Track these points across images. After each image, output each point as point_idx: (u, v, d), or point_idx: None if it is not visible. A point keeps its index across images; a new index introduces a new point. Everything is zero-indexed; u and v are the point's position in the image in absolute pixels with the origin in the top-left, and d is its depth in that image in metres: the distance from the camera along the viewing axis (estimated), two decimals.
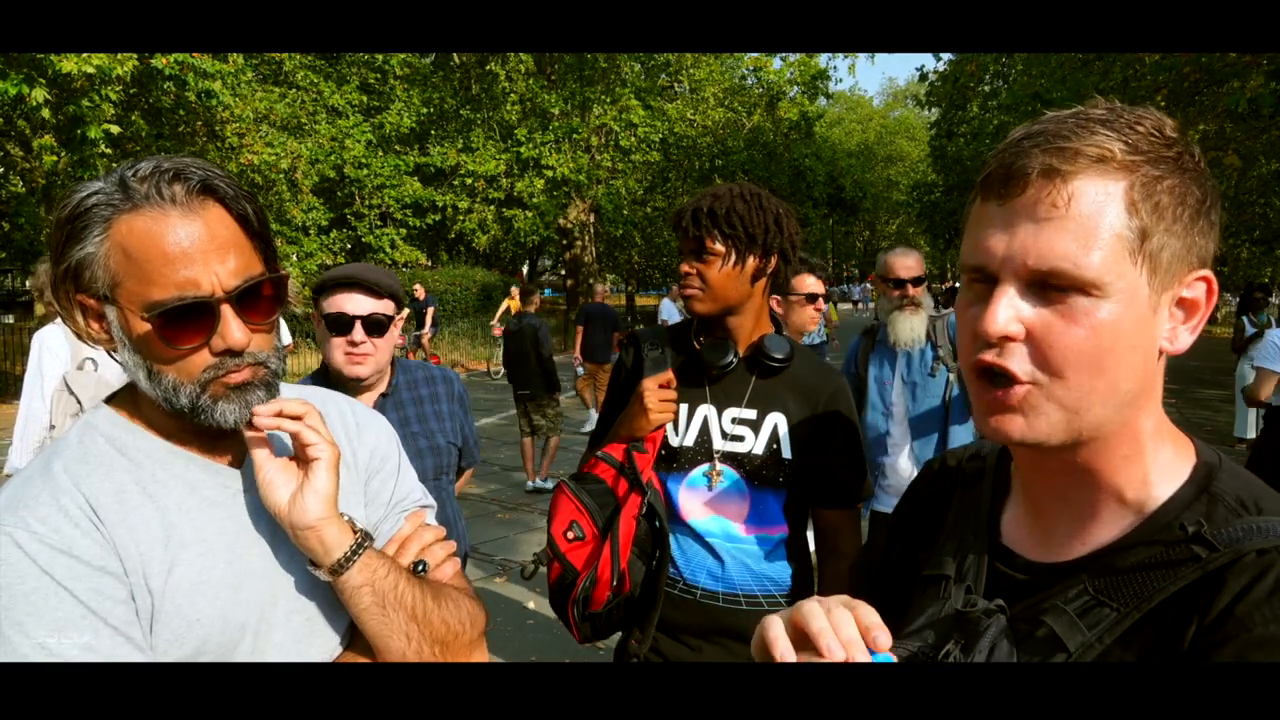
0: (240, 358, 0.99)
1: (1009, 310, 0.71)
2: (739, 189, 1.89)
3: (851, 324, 27.97)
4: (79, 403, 3.11)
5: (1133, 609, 0.70)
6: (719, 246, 1.83)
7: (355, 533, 1.04)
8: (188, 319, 0.95)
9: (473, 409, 2.60)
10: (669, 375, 1.90)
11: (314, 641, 1.07)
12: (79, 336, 1.02)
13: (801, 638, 0.67)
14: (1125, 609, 0.71)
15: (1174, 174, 0.71)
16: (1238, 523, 0.69)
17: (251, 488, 1.07)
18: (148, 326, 0.95)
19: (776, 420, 1.88)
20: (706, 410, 1.91)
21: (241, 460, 1.08)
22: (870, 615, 0.67)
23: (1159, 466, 0.77)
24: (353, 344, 2.14)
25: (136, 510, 0.97)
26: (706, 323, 1.95)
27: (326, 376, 2.22)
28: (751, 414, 1.89)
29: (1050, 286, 0.70)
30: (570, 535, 1.82)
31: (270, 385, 1.02)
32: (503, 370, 9.80)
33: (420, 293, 16.63)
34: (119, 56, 10.29)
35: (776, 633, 0.68)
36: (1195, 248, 0.72)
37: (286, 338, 10.93)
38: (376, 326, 2.17)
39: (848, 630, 0.66)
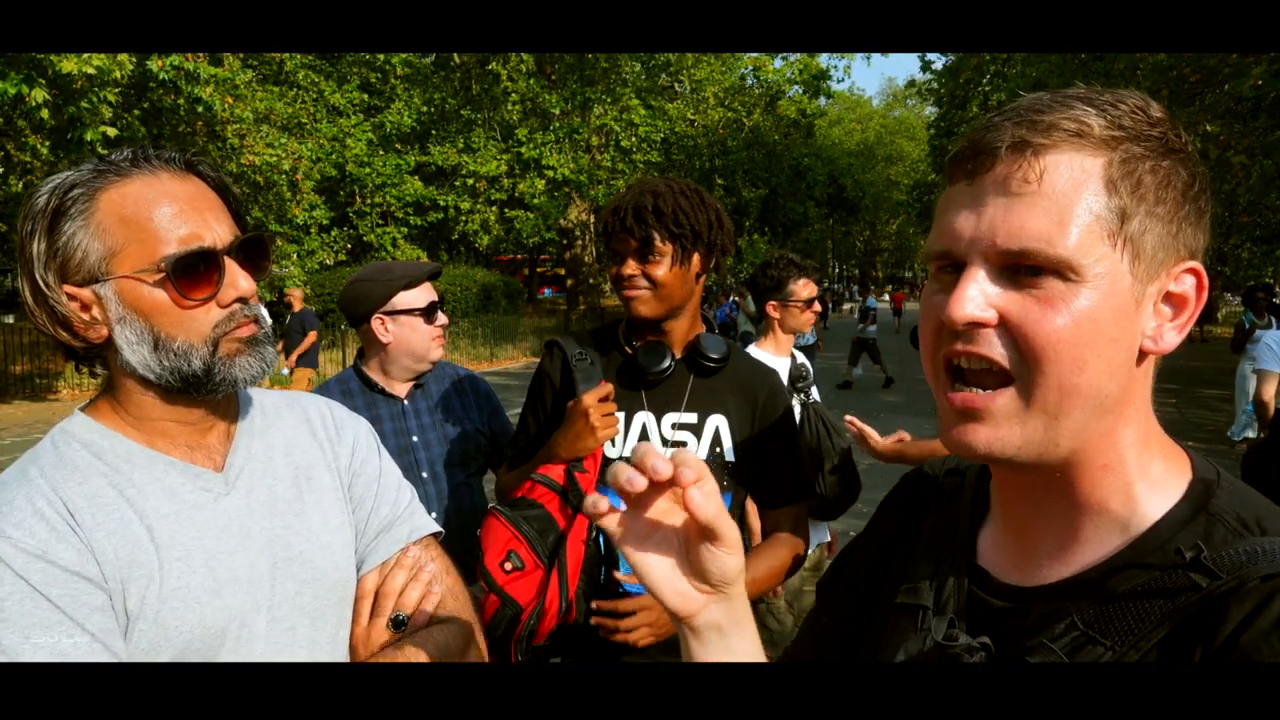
0: (248, 309, 1.01)
1: (977, 293, 0.65)
2: (676, 184, 1.83)
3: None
4: None
5: (1129, 647, 0.63)
6: (666, 245, 1.76)
7: None
8: (198, 270, 0.97)
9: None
10: (608, 387, 1.78)
11: (296, 653, 1.05)
12: (66, 348, 1.00)
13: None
14: (1120, 648, 0.64)
15: (1158, 153, 0.65)
16: (1239, 545, 0.62)
17: (235, 491, 1.05)
18: (158, 288, 0.96)
19: (718, 423, 1.83)
20: (644, 417, 1.83)
21: (224, 464, 1.06)
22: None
23: (1147, 480, 0.69)
24: (442, 327, 2.33)
25: (114, 515, 0.96)
26: (640, 325, 1.87)
27: (363, 378, 2.32)
28: (692, 418, 1.83)
29: (1023, 269, 0.64)
30: (509, 566, 1.69)
31: (271, 341, 1.05)
32: None
33: (298, 303, 11.51)
34: (118, 59, 10.29)
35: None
36: (1183, 235, 0.66)
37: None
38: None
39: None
